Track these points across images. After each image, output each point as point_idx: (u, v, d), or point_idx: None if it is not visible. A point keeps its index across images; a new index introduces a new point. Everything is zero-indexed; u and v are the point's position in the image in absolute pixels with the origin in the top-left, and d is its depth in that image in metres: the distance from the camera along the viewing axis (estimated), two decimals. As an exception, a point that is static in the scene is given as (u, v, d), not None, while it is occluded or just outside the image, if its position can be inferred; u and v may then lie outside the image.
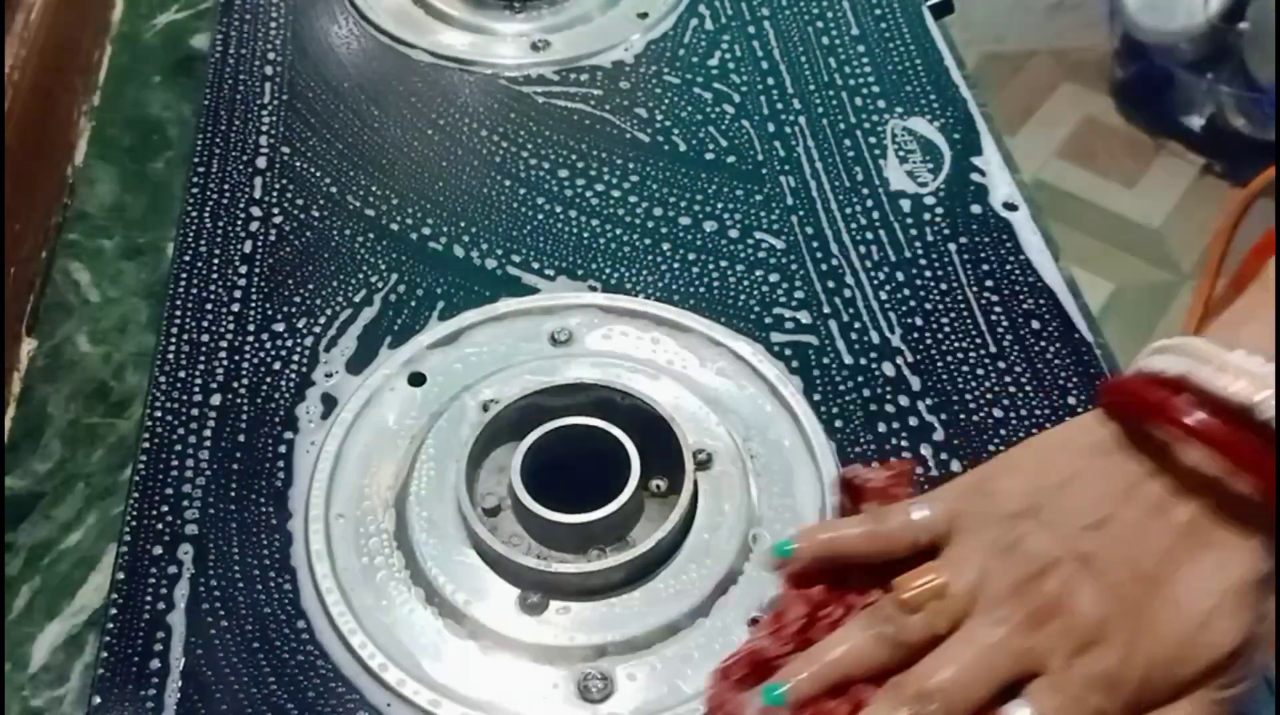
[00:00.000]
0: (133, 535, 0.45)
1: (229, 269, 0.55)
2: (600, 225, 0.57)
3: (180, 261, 0.55)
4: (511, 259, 0.56)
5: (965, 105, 0.63)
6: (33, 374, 0.52)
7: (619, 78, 0.66)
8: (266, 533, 0.45)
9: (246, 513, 0.46)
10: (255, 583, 0.44)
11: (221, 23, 0.66)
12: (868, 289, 0.55)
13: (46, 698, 0.43)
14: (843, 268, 0.56)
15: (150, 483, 0.47)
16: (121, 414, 0.51)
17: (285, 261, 0.56)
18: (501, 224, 0.58)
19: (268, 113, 0.63)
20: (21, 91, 0.57)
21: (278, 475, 0.47)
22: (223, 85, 0.63)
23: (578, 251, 0.56)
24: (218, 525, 0.45)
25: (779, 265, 0.55)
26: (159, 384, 0.50)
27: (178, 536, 0.45)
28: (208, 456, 0.48)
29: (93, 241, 0.58)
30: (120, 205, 0.60)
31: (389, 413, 0.49)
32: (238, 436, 0.49)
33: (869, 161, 0.60)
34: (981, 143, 0.61)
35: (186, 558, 0.44)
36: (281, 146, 0.61)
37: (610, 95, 0.65)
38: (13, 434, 0.50)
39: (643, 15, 0.69)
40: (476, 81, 0.65)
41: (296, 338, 0.52)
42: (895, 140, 0.61)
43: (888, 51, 0.67)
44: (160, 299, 0.54)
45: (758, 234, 0.57)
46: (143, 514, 0.46)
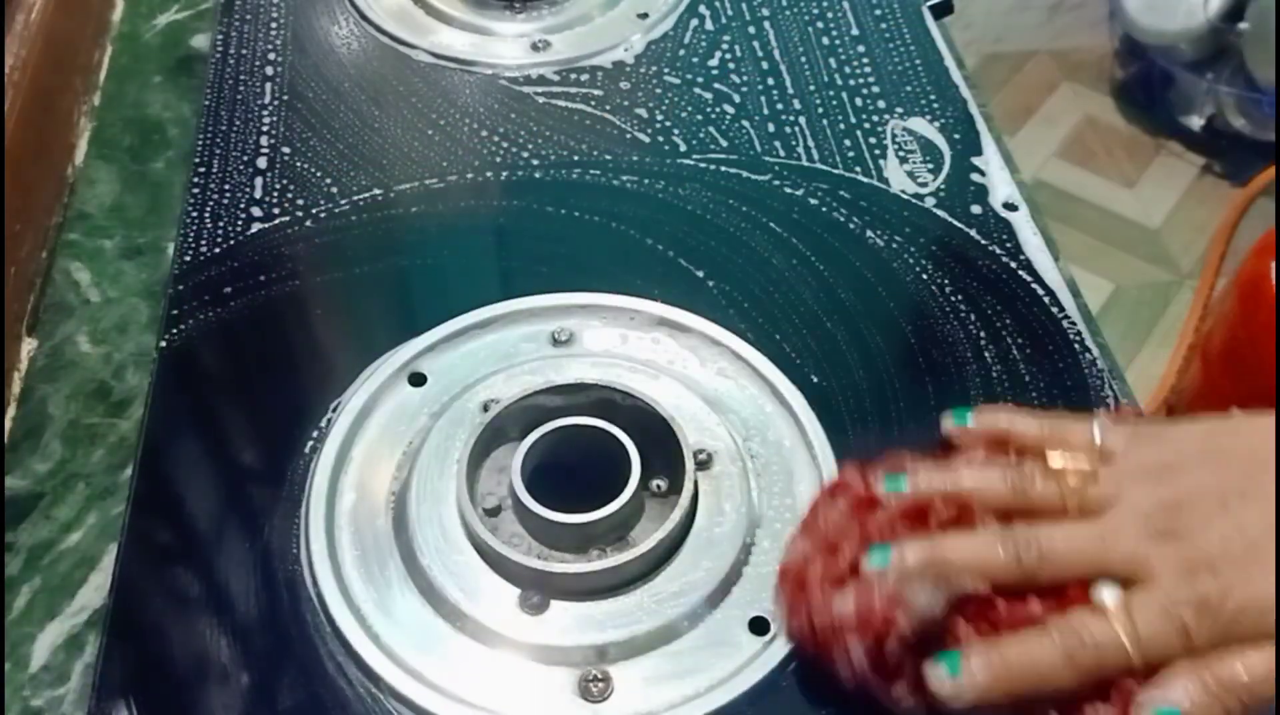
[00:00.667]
0: (133, 535, 0.45)
1: (229, 269, 0.55)
2: (600, 225, 0.57)
3: (180, 261, 0.55)
4: (512, 259, 0.56)
5: (965, 105, 0.63)
6: (33, 374, 0.52)
7: (619, 78, 0.66)
8: (266, 532, 0.45)
9: (246, 513, 0.46)
10: (255, 582, 0.44)
11: (221, 23, 0.66)
12: (867, 289, 0.55)
13: (47, 698, 0.43)
14: (842, 267, 0.56)
15: (150, 483, 0.47)
16: (121, 414, 0.51)
17: (285, 261, 0.56)
18: (502, 224, 0.58)
19: (268, 113, 0.63)
20: (21, 91, 0.57)
21: (278, 475, 0.47)
22: (223, 85, 0.63)
23: (578, 251, 0.56)
24: (217, 525, 0.45)
25: (779, 265, 0.55)
26: (159, 384, 0.50)
27: (178, 537, 0.45)
28: (208, 456, 0.48)
29: (93, 241, 0.58)
30: (120, 205, 0.60)
31: (389, 413, 0.49)
32: (238, 437, 0.49)
33: (869, 161, 0.60)
34: (981, 143, 0.61)
35: (186, 558, 0.44)
36: (281, 146, 0.61)
37: (610, 95, 0.65)
38: (13, 434, 0.50)
39: (643, 15, 0.69)
40: (476, 81, 0.65)
41: (296, 337, 0.52)
42: (895, 140, 0.61)
43: (888, 51, 0.67)
44: (160, 299, 0.54)
45: (758, 234, 0.57)
46: (142, 514, 0.46)
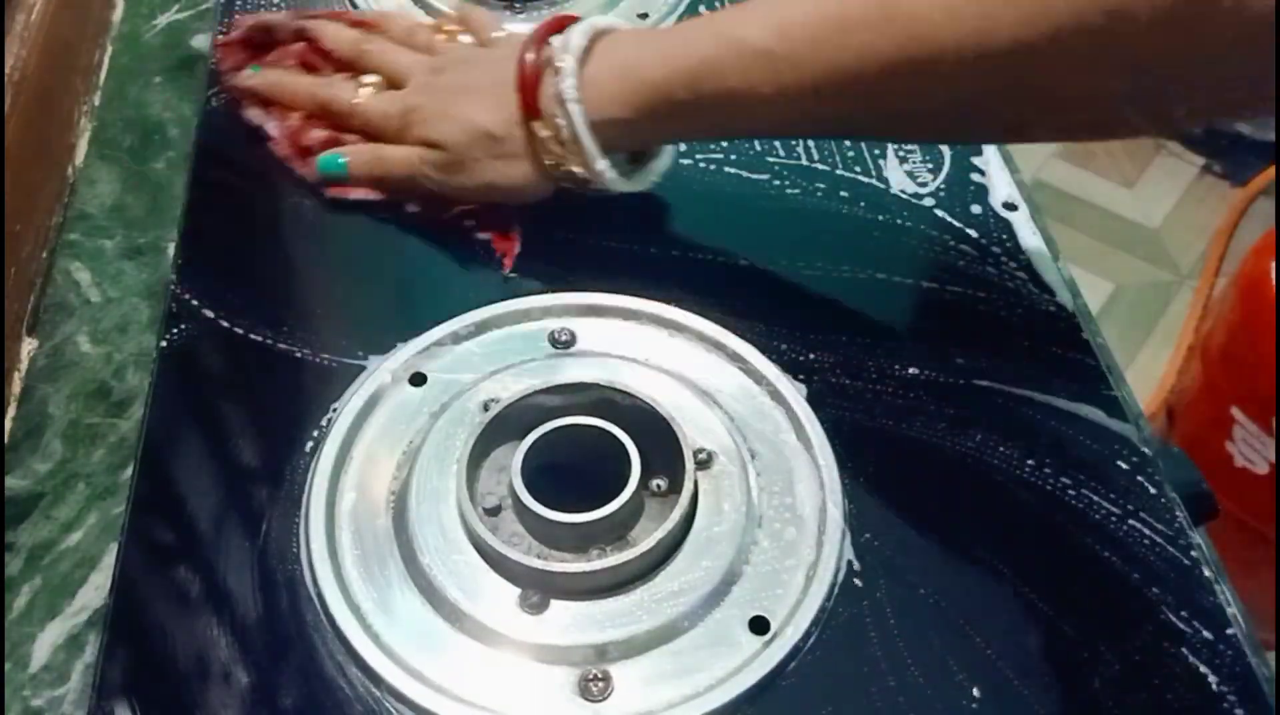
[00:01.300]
0: (133, 535, 0.45)
1: (229, 269, 0.55)
2: (600, 225, 0.57)
3: (180, 261, 0.55)
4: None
5: (965, 105, 0.63)
6: (33, 374, 0.52)
7: (619, 78, 0.65)
8: (266, 532, 0.45)
9: (246, 513, 0.46)
10: (255, 582, 0.44)
11: (221, 23, 0.66)
12: (867, 288, 0.55)
13: (47, 698, 0.43)
14: (843, 267, 0.56)
15: (150, 483, 0.47)
16: (122, 414, 0.51)
17: (285, 261, 0.56)
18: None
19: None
20: (21, 91, 0.57)
21: (278, 475, 0.47)
22: (223, 85, 0.63)
23: (578, 251, 0.56)
24: (217, 525, 0.45)
25: (779, 265, 0.55)
26: (159, 384, 0.50)
27: (178, 537, 0.45)
28: (208, 456, 0.48)
29: (93, 241, 0.58)
30: (120, 205, 0.60)
31: (389, 413, 0.49)
32: (238, 436, 0.49)
33: (869, 161, 0.60)
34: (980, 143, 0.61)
35: (186, 558, 0.44)
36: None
37: (610, 95, 0.64)
38: (13, 434, 0.50)
39: (643, 15, 0.69)
40: (476, 81, 0.65)
41: (297, 337, 0.52)
42: (895, 140, 0.61)
43: (888, 51, 0.66)
44: (160, 299, 0.54)
45: (759, 234, 0.57)
46: (142, 514, 0.46)
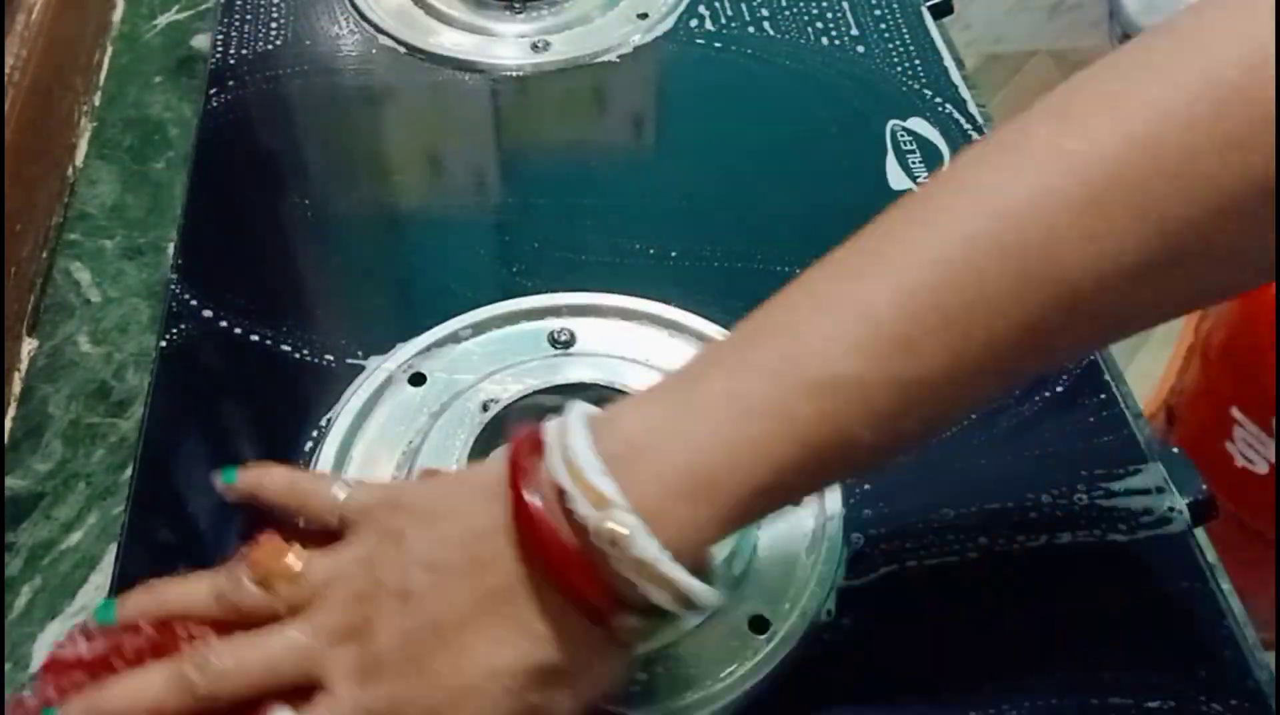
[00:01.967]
0: (133, 535, 0.45)
1: (228, 269, 0.55)
2: (601, 225, 0.57)
3: (180, 261, 0.55)
4: (511, 259, 0.56)
5: (965, 105, 0.63)
6: (33, 374, 0.52)
7: (619, 78, 0.66)
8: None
9: (246, 513, 0.46)
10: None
11: (221, 23, 0.66)
12: (868, 289, 0.55)
13: (47, 697, 0.42)
14: (843, 268, 0.56)
15: (150, 483, 0.47)
16: (122, 414, 0.51)
17: (284, 261, 0.56)
18: (502, 224, 0.58)
19: (267, 113, 0.63)
20: (21, 91, 0.57)
21: (278, 475, 0.47)
22: (223, 85, 0.63)
23: (578, 251, 0.56)
24: (217, 525, 0.45)
25: (780, 265, 0.55)
26: (159, 384, 0.50)
27: (178, 537, 0.45)
28: (208, 456, 0.48)
29: (93, 241, 0.58)
30: (120, 205, 0.60)
31: (389, 413, 0.49)
32: (238, 437, 0.49)
33: (869, 161, 0.60)
34: (981, 143, 0.61)
35: (186, 558, 0.44)
36: (281, 147, 0.61)
37: (610, 96, 0.65)
38: (13, 434, 0.50)
39: (643, 15, 0.69)
40: (476, 81, 0.65)
41: (297, 337, 0.52)
42: (895, 140, 0.61)
43: (888, 51, 0.67)
44: (160, 299, 0.54)
45: (759, 234, 0.57)
46: (142, 514, 0.46)
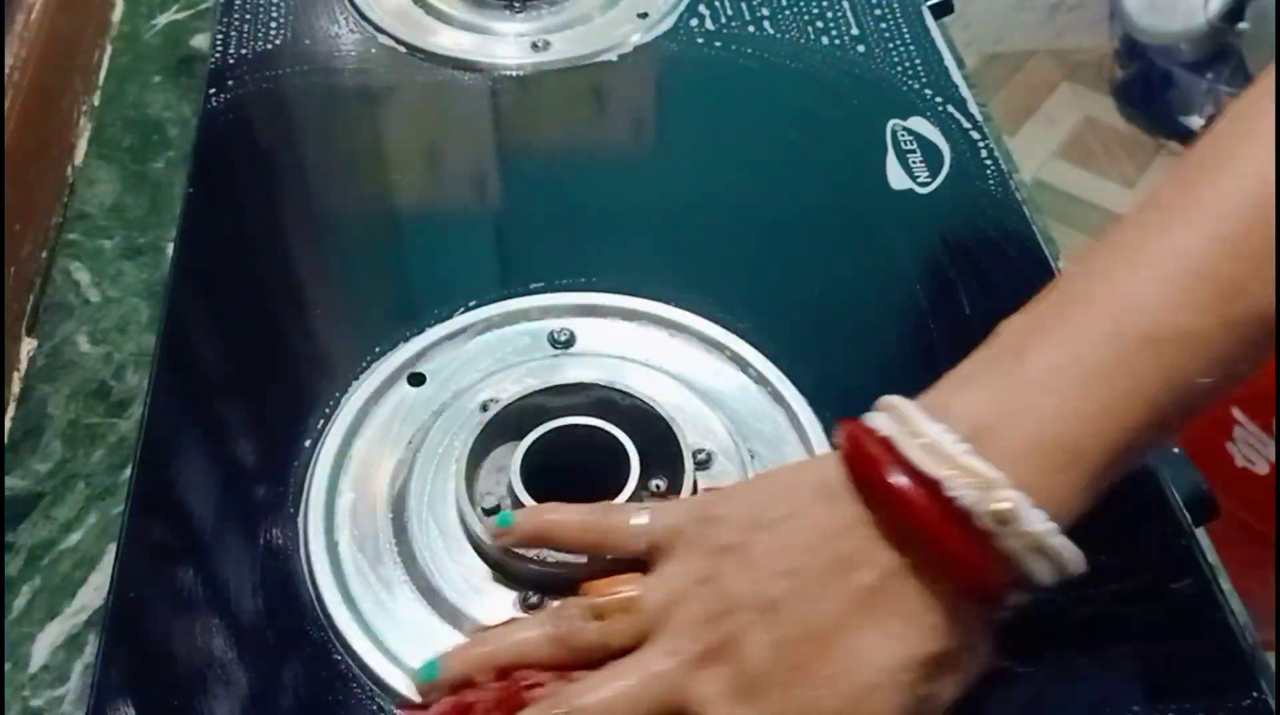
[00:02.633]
0: (133, 535, 0.45)
1: (229, 269, 0.55)
2: (601, 225, 0.57)
3: (180, 261, 0.55)
4: (511, 259, 0.56)
5: (965, 105, 0.63)
6: (33, 374, 0.52)
7: (619, 78, 0.66)
8: (266, 532, 0.45)
9: (246, 512, 0.46)
10: (255, 583, 0.44)
11: (221, 23, 0.66)
12: (868, 288, 0.55)
13: (46, 698, 0.43)
14: (843, 267, 0.56)
15: (150, 483, 0.47)
16: (121, 414, 0.51)
17: (284, 261, 0.56)
18: (501, 224, 0.58)
19: (267, 113, 0.63)
20: (21, 91, 0.57)
21: (278, 475, 0.47)
22: (223, 85, 0.63)
23: (578, 251, 0.56)
24: (217, 525, 0.45)
25: (779, 265, 0.55)
26: (159, 384, 0.50)
27: (178, 537, 0.45)
28: (208, 456, 0.48)
29: (93, 241, 0.58)
30: (120, 205, 0.60)
31: (389, 413, 0.49)
32: (237, 436, 0.49)
33: (869, 161, 0.60)
34: (981, 143, 0.61)
35: (186, 558, 0.44)
36: (281, 146, 0.61)
37: (610, 95, 0.65)
38: (13, 434, 0.50)
39: (643, 15, 0.69)
40: (476, 81, 0.65)
41: (297, 337, 0.52)
42: (895, 140, 0.61)
43: (888, 51, 0.67)
44: (160, 299, 0.54)
45: (759, 234, 0.57)
46: (142, 514, 0.46)
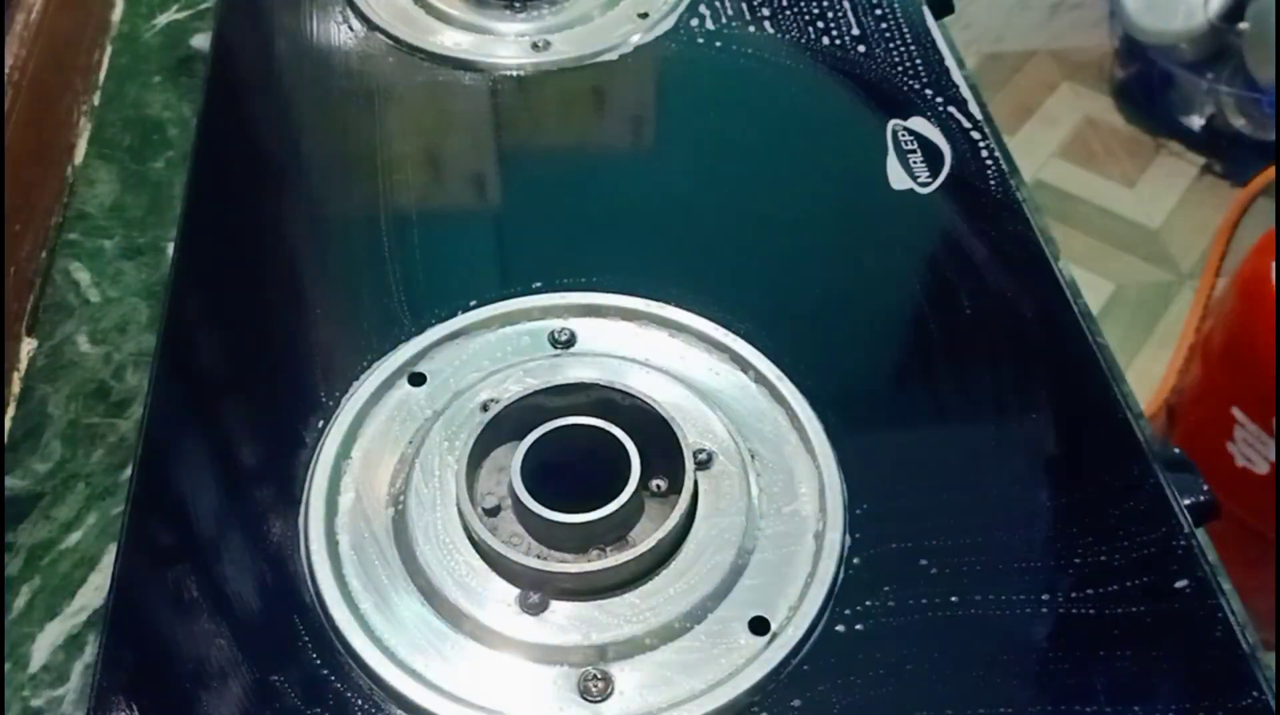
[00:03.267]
0: (133, 535, 0.45)
1: (229, 269, 0.55)
2: (601, 225, 0.57)
3: (180, 261, 0.55)
4: (512, 259, 0.56)
5: (966, 105, 0.63)
6: (33, 374, 0.52)
7: (619, 78, 0.66)
8: (266, 532, 0.45)
9: (246, 513, 0.46)
10: (255, 582, 0.44)
11: (221, 22, 0.66)
12: (869, 288, 0.55)
13: (46, 698, 0.43)
14: (844, 267, 0.56)
15: (150, 483, 0.47)
16: (121, 414, 0.51)
17: (284, 261, 0.56)
18: (502, 224, 0.58)
19: (267, 113, 0.63)
20: (21, 91, 0.57)
21: (277, 475, 0.47)
22: (223, 85, 0.63)
23: (578, 251, 0.56)
24: (217, 525, 0.45)
25: (780, 265, 0.55)
26: (159, 384, 0.50)
27: (178, 537, 0.45)
28: (208, 456, 0.48)
29: (93, 241, 0.58)
30: (120, 205, 0.60)
31: (389, 413, 0.49)
32: (238, 436, 0.49)
33: (869, 161, 0.60)
34: (982, 143, 0.61)
35: (186, 558, 0.44)
36: (281, 146, 0.61)
37: (610, 95, 0.65)
38: (13, 434, 0.50)
39: (643, 15, 0.69)
40: (476, 81, 0.65)
41: (296, 337, 0.52)
42: (896, 140, 0.61)
43: (888, 51, 0.67)
44: (160, 299, 0.54)
45: (760, 234, 0.57)
46: (142, 514, 0.46)
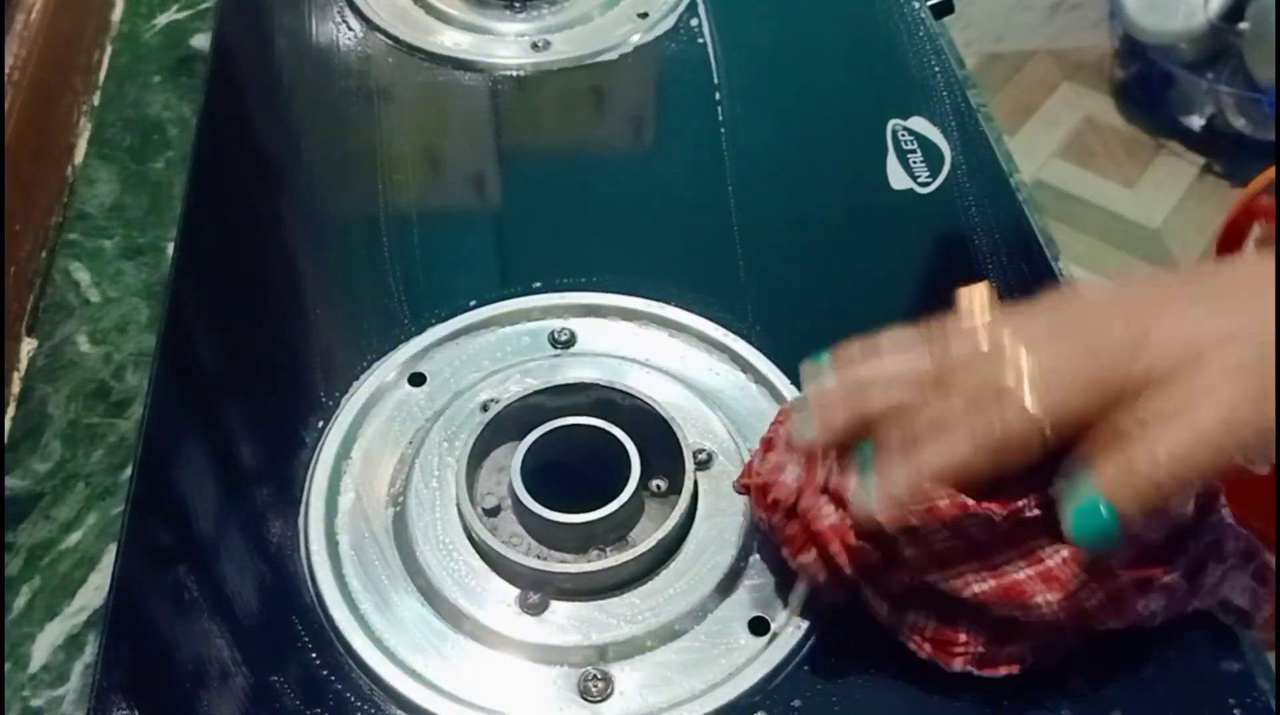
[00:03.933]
0: (133, 535, 0.45)
1: (229, 269, 0.55)
2: (601, 225, 0.57)
3: (180, 261, 0.55)
4: (511, 259, 0.56)
5: (965, 105, 0.63)
6: (33, 374, 0.52)
7: (619, 78, 0.66)
8: (266, 532, 0.45)
9: (246, 513, 0.46)
10: (255, 582, 0.44)
11: (221, 22, 0.66)
12: (869, 288, 0.55)
13: (46, 698, 0.43)
14: (844, 267, 0.56)
15: (150, 483, 0.47)
16: (121, 414, 0.51)
17: (284, 261, 0.56)
18: (502, 224, 0.58)
19: (268, 113, 0.63)
20: (21, 91, 0.57)
21: (277, 475, 0.47)
22: (223, 85, 0.63)
23: (578, 251, 0.56)
24: (217, 525, 0.45)
25: (780, 265, 0.55)
26: (159, 384, 0.50)
27: (178, 537, 0.45)
28: (207, 456, 0.48)
29: (93, 241, 0.58)
30: (120, 205, 0.60)
31: (389, 413, 0.49)
32: (237, 437, 0.49)
33: (869, 161, 0.60)
34: (981, 143, 0.61)
35: (186, 558, 0.44)
36: (281, 146, 0.61)
37: (610, 95, 0.65)
38: (13, 434, 0.50)
39: (643, 15, 0.69)
40: (476, 81, 0.65)
41: (297, 337, 0.52)
42: (896, 140, 0.61)
43: (888, 51, 0.67)
44: (160, 299, 0.54)
45: (760, 234, 0.57)
46: (142, 514, 0.46)
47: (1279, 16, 1.62)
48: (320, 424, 0.48)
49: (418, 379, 0.50)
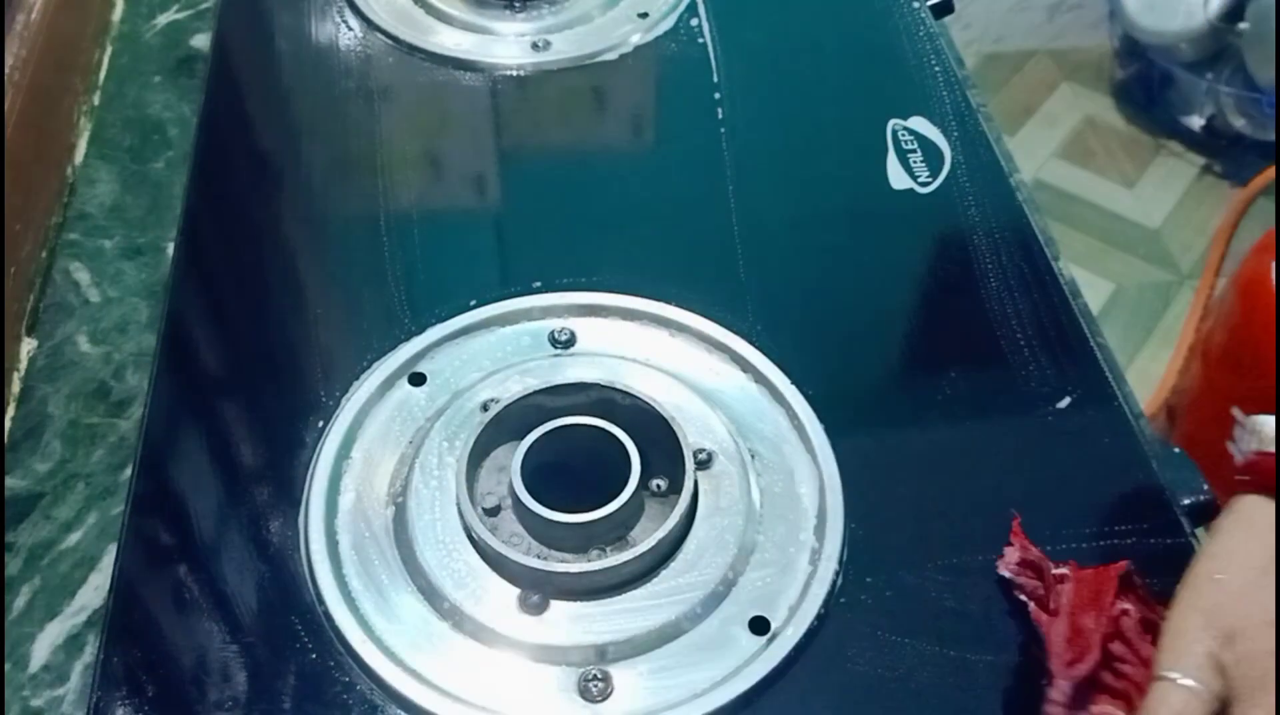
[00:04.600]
0: (133, 535, 0.45)
1: (228, 269, 0.55)
2: (601, 225, 0.57)
3: (180, 261, 0.55)
4: (512, 258, 0.56)
5: (965, 105, 0.63)
6: (33, 374, 0.52)
7: (619, 78, 0.66)
8: (266, 532, 0.45)
9: (246, 513, 0.46)
10: (255, 582, 0.44)
11: (221, 23, 0.66)
12: (869, 288, 0.55)
13: (46, 698, 0.43)
14: (844, 267, 0.56)
15: (150, 483, 0.47)
16: (121, 414, 0.51)
17: (284, 261, 0.56)
18: (502, 224, 0.58)
19: (267, 113, 0.63)
20: (21, 91, 0.57)
21: (278, 475, 0.47)
22: (223, 85, 0.63)
23: (578, 251, 0.56)
24: (217, 525, 0.45)
25: (780, 265, 0.55)
26: (159, 384, 0.50)
27: (178, 537, 0.45)
28: (208, 456, 0.48)
29: (93, 241, 0.58)
30: (120, 205, 0.60)
31: (389, 413, 0.49)
32: (238, 437, 0.49)
33: (869, 161, 0.60)
34: (981, 143, 0.61)
35: (186, 558, 0.44)
36: (281, 146, 0.61)
37: (610, 95, 0.65)
38: (13, 434, 0.50)
39: (643, 15, 0.69)
40: (476, 81, 0.65)
41: (297, 337, 0.52)
42: (896, 140, 0.61)
43: (888, 51, 0.67)
44: (160, 299, 0.54)
45: (760, 234, 0.57)
46: (142, 514, 0.46)
47: (1279, 16, 1.62)
48: (320, 424, 0.48)
49: (418, 379, 0.50)
